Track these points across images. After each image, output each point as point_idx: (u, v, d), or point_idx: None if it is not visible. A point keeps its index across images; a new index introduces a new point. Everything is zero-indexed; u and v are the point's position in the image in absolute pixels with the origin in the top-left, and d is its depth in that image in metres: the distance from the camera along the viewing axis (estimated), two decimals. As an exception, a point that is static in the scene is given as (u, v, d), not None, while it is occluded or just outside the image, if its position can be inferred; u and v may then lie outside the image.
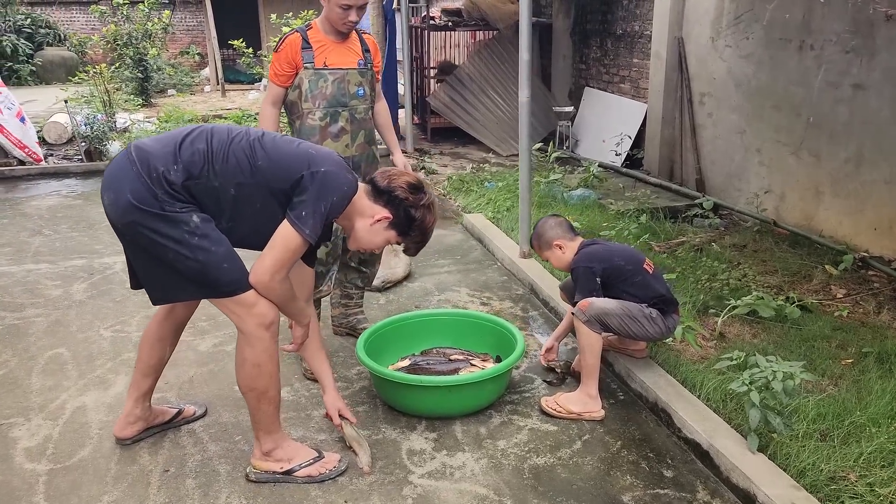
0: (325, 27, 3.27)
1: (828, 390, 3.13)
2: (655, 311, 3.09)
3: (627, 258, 3.17)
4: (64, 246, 5.30)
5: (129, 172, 2.32)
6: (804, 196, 5.37)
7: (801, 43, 5.24)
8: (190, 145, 2.36)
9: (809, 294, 4.25)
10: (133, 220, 2.28)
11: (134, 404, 2.83)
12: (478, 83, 9.02)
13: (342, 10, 3.15)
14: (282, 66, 3.23)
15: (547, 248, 3.25)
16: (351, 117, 3.33)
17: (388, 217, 2.49)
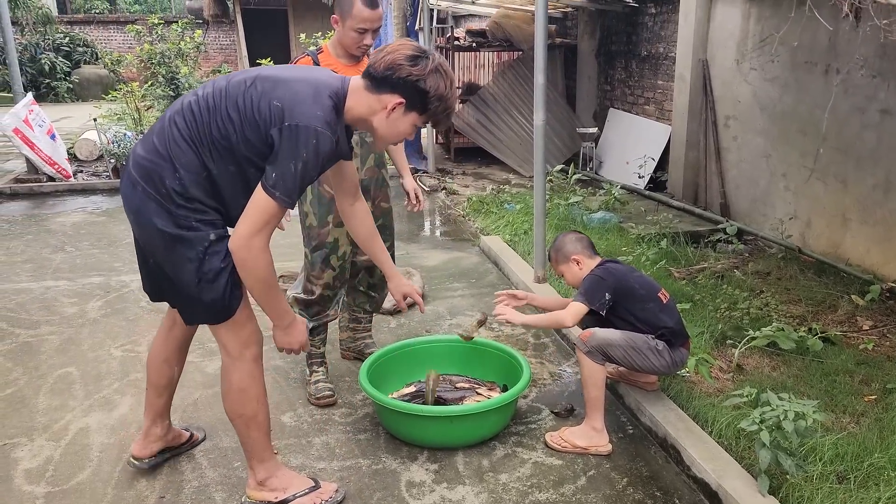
0: (336, 51, 3.25)
1: (848, 428, 3.00)
2: (662, 343, 2.99)
3: (643, 283, 3.08)
4: (84, 263, 5.36)
5: (139, 196, 2.25)
6: (831, 223, 5.23)
7: (826, 67, 5.13)
8: (177, 143, 2.22)
9: (834, 325, 4.11)
10: (162, 243, 2.26)
11: (152, 423, 2.78)
12: (501, 103, 9.00)
13: (357, 33, 3.12)
14: None
15: (564, 262, 3.17)
16: (361, 140, 3.30)
17: (401, 101, 2.24)
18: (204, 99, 2.24)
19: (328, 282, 3.29)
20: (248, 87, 2.21)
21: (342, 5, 3.11)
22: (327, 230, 3.25)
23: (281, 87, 2.20)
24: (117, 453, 2.95)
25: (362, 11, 3.07)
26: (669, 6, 7.30)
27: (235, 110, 2.19)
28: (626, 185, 7.34)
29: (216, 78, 2.36)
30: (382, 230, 3.46)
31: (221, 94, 2.23)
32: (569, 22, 9.67)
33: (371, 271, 3.57)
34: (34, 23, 17.10)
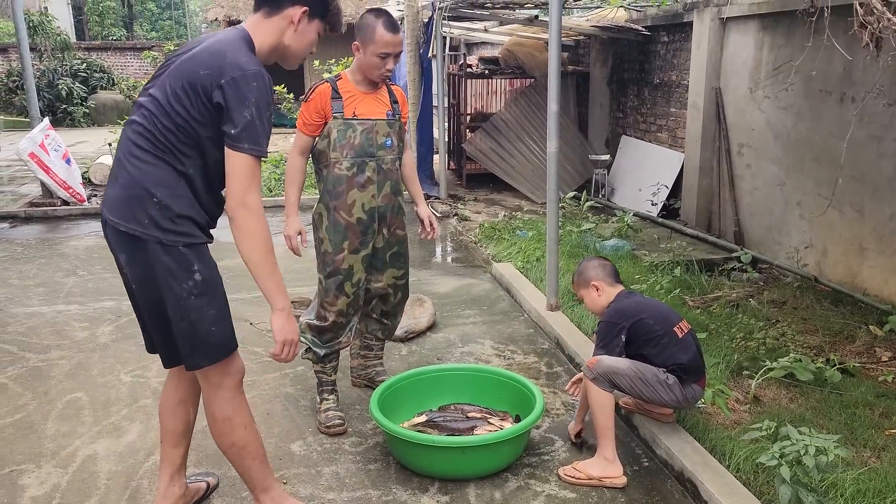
0: (355, 77, 3.24)
1: (869, 463, 2.93)
2: (673, 377, 2.95)
3: (658, 317, 3.03)
4: (96, 287, 5.37)
5: (125, 239, 2.20)
6: (847, 252, 5.17)
7: (841, 95, 5.10)
8: (143, 162, 2.18)
9: (852, 356, 4.04)
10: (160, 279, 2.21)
11: (170, 482, 2.57)
12: (514, 130, 9.03)
13: (380, 59, 3.12)
14: (311, 116, 3.21)
15: (584, 287, 3.17)
16: (378, 167, 3.27)
17: (305, 10, 2.31)
18: (148, 107, 2.21)
19: (342, 308, 3.27)
20: (177, 73, 2.19)
21: (363, 31, 3.12)
22: (342, 257, 3.23)
23: (201, 56, 2.20)
24: (125, 481, 2.92)
25: (384, 36, 3.08)
26: (682, 34, 7.32)
27: (177, 100, 2.16)
28: (639, 213, 7.31)
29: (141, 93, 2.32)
30: (397, 258, 3.46)
31: (163, 93, 2.19)
32: (581, 50, 9.71)
33: (384, 299, 3.54)
34: (52, 49, 17.39)
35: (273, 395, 3.66)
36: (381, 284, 3.45)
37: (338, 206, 3.22)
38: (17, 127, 15.48)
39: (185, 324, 2.25)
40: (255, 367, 3.98)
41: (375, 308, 3.59)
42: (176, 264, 2.20)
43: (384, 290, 3.48)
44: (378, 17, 3.12)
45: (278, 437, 3.27)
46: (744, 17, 6.23)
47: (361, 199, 3.23)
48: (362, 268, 3.28)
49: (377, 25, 3.09)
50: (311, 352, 3.37)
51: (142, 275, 2.23)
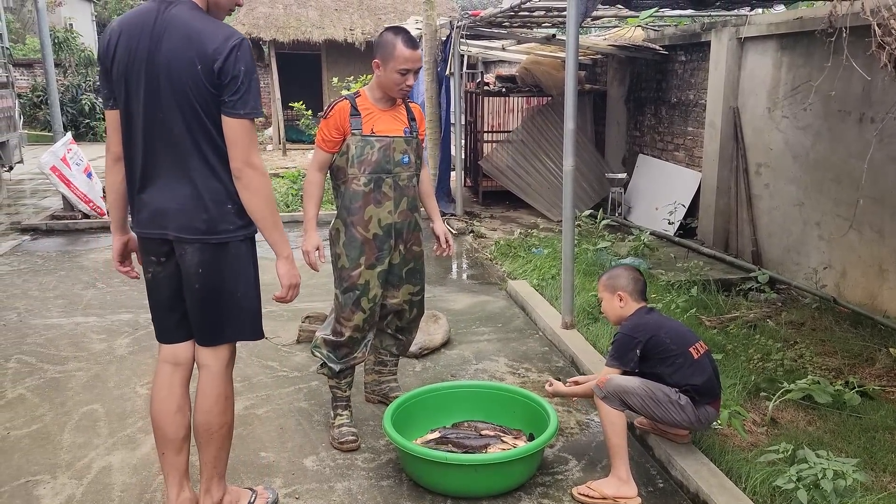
0: (374, 95, 3.27)
1: (889, 488, 2.88)
2: (686, 398, 2.93)
3: (675, 336, 3.02)
4: (114, 300, 5.42)
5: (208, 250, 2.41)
6: (867, 273, 5.12)
7: (861, 115, 5.08)
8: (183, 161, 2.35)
9: (871, 379, 3.99)
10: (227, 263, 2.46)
11: (179, 490, 2.55)
12: (530, 148, 9.05)
13: (400, 75, 3.15)
14: (330, 133, 3.22)
15: (609, 292, 3.16)
16: (394, 184, 3.27)
17: None
18: (154, 111, 2.32)
19: (358, 324, 3.28)
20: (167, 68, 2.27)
21: (383, 48, 3.16)
22: (359, 272, 3.24)
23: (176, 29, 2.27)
24: (139, 493, 2.93)
25: (404, 52, 3.12)
26: (700, 54, 7.32)
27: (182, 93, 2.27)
28: (656, 232, 7.28)
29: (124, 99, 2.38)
30: (413, 274, 3.45)
31: (165, 88, 2.28)
32: (598, 68, 9.74)
33: (400, 315, 3.54)
34: (77, 65, 17.69)
35: (287, 410, 3.67)
36: (396, 300, 3.45)
37: (355, 222, 3.24)
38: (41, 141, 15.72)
39: (242, 303, 2.48)
40: (270, 382, 3.99)
41: (391, 324, 3.59)
42: (249, 253, 2.51)
43: (399, 307, 3.48)
44: (397, 35, 3.16)
45: (291, 451, 3.27)
46: (762, 37, 6.23)
47: (378, 215, 3.24)
48: (378, 283, 3.29)
49: (396, 42, 3.13)
50: (327, 367, 3.37)
51: (216, 271, 2.41)
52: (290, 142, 16.04)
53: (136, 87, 2.32)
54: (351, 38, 16.09)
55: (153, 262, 2.48)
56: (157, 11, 2.31)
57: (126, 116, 2.38)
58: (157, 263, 2.48)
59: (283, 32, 15.90)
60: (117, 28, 2.37)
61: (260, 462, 3.17)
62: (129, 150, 2.41)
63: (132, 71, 2.32)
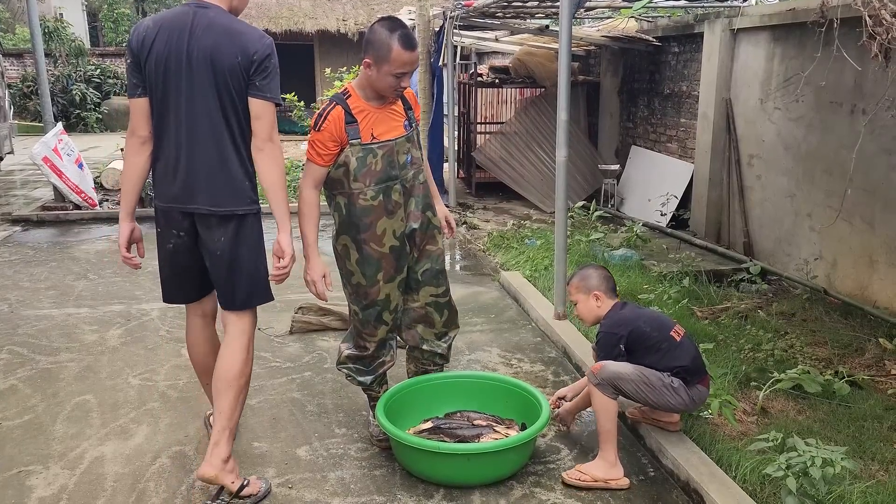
0: (366, 94, 2.94)
1: (877, 476, 2.91)
2: (678, 380, 2.96)
3: (654, 324, 3.06)
4: (106, 291, 5.40)
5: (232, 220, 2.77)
6: (857, 264, 5.15)
7: (852, 107, 5.09)
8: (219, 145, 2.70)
9: (861, 369, 4.02)
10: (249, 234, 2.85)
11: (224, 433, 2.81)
12: (523, 139, 9.04)
13: (395, 78, 2.84)
14: (325, 146, 2.89)
15: (584, 293, 3.15)
16: (402, 188, 3.03)
17: None
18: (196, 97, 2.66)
19: (382, 337, 3.14)
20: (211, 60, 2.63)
21: (377, 48, 2.81)
22: (377, 288, 3.03)
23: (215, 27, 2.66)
24: (131, 483, 2.93)
25: (401, 55, 2.80)
26: (693, 46, 7.32)
27: (223, 82, 2.64)
28: (648, 223, 7.30)
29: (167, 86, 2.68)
30: (433, 275, 3.19)
31: (208, 77, 2.64)
32: (591, 60, 9.73)
33: (429, 322, 3.25)
34: (67, 55, 17.55)
35: (280, 401, 3.67)
36: (417, 304, 3.20)
37: (367, 239, 2.98)
38: (32, 132, 15.61)
39: (256, 271, 2.84)
40: (263, 373, 3.99)
41: (425, 335, 3.26)
42: (259, 227, 2.86)
43: (423, 311, 3.21)
44: (393, 33, 2.80)
45: (284, 441, 3.27)
46: (755, 29, 6.23)
47: (392, 227, 3.00)
48: (399, 293, 3.12)
49: (393, 43, 2.78)
50: (356, 381, 3.20)
51: (236, 241, 2.77)
52: (282, 133, 15.98)
53: (176, 77, 2.64)
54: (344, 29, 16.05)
55: (174, 234, 2.80)
56: (193, 13, 2.68)
57: (162, 103, 2.69)
58: (177, 236, 2.80)
59: (276, 22, 15.83)
60: (154, 25, 2.70)
61: (253, 452, 3.17)
62: (163, 133, 2.72)
63: (171, 62, 2.64)
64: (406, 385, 3.34)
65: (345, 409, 3.59)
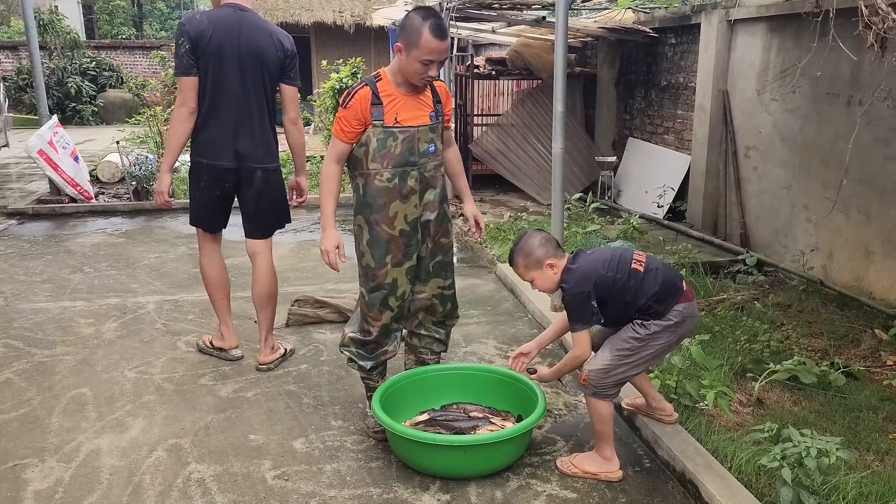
0: (396, 79, 3.01)
1: (872, 466, 2.92)
2: (651, 321, 2.84)
3: (613, 265, 2.88)
4: (101, 284, 5.39)
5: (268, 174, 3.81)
6: (853, 256, 5.15)
7: (849, 98, 5.09)
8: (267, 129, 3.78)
9: (857, 360, 4.03)
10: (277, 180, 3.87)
11: (230, 323, 4.05)
12: (520, 131, 9.03)
13: (423, 65, 2.89)
14: (350, 124, 2.99)
15: (536, 268, 2.91)
16: (420, 176, 3.06)
17: None
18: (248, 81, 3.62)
19: (386, 323, 3.15)
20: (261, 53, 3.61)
21: (408, 34, 2.89)
22: (385, 271, 3.08)
23: (259, 29, 3.63)
24: (127, 476, 2.93)
25: (430, 42, 2.85)
26: (690, 37, 7.30)
27: (268, 70, 3.64)
28: (645, 215, 7.29)
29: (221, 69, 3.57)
30: (442, 267, 3.26)
31: (257, 66, 3.61)
32: (588, 51, 9.71)
33: (431, 310, 3.33)
34: (62, 47, 17.47)
35: (276, 393, 3.67)
36: (424, 295, 3.26)
37: (379, 220, 3.05)
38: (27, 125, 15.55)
39: (283, 204, 3.92)
40: (259, 365, 3.99)
41: (424, 321, 3.36)
42: (281, 175, 3.86)
43: (428, 301, 3.28)
44: (426, 20, 2.86)
45: (280, 434, 3.27)
46: (752, 20, 6.21)
47: (404, 211, 3.05)
48: (407, 280, 3.13)
49: (423, 29, 2.84)
50: (356, 364, 3.25)
51: (272, 186, 3.80)
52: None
53: (232, 66, 3.55)
54: (340, 21, 15.96)
55: (221, 185, 3.72)
56: (238, 15, 3.58)
57: (216, 86, 3.55)
58: (223, 187, 3.73)
59: (272, 14, 15.74)
60: (209, 22, 3.52)
61: (249, 444, 3.17)
62: (218, 109, 3.59)
63: (227, 53, 3.52)
64: (402, 377, 3.34)
65: (341, 401, 3.59)
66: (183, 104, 3.52)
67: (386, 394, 3.16)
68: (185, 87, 3.49)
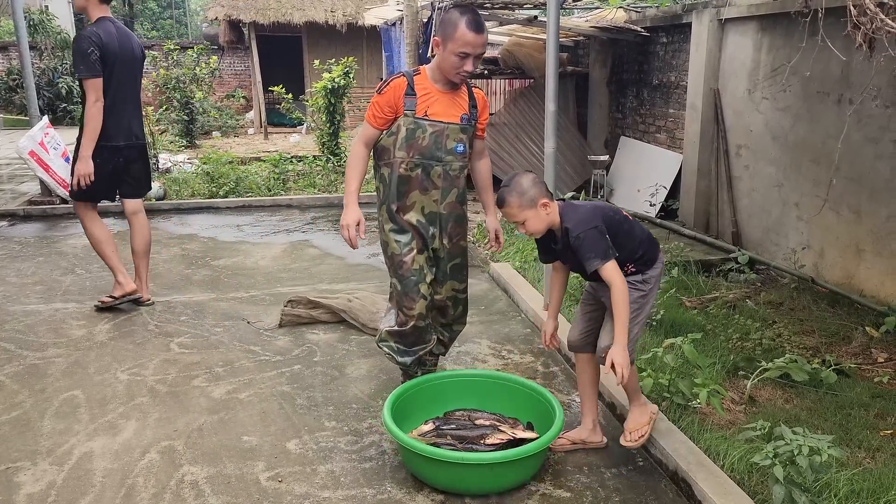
0: (434, 75, 3.10)
1: (864, 463, 2.94)
2: (646, 271, 2.92)
3: (609, 208, 2.97)
4: (94, 285, 5.37)
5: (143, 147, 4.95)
6: (844, 253, 5.18)
7: (839, 97, 5.11)
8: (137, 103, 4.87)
9: (848, 357, 4.05)
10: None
11: (125, 271, 4.84)
12: (513, 130, 9.04)
13: (458, 58, 2.96)
14: (382, 110, 3.08)
15: (530, 207, 2.81)
16: (444, 173, 3.12)
17: None
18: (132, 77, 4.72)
19: (421, 311, 3.16)
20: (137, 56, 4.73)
21: (445, 27, 2.98)
22: (412, 256, 3.15)
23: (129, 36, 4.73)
24: (120, 478, 2.92)
25: (466, 34, 2.93)
26: (681, 36, 7.33)
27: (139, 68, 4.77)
28: (637, 213, 7.31)
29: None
30: (458, 270, 3.33)
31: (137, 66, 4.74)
32: (580, 50, 9.72)
33: (443, 311, 3.41)
34: (52, 47, 17.38)
35: (269, 394, 3.66)
36: (440, 297, 3.33)
37: (399, 208, 3.15)
38: (17, 125, 15.48)
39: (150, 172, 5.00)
40: (252, 367, 3.98)
41: (434, 322, 3.41)
42: None
43: (443, 303, 3.36)
44: (463, 15, 2.95)
45: (274, 435, 3.27)
46: (742, 19, 6.24)
47: (423, 203, 3.13)
48: (429, 269, 3.19)
49: (460, 23, 2.93)
50: (396, 360, 3.25)
51: (144, 159, 4.87)
52: (271, 125, 15.91)
53: (121, 66, 4.53)
54: (332, 20, 15.94)
55: (115, 160, 4.63)
56: (116, 27, 4.58)
57: (116, 82, 4.53)
58: (117, 162, 4.65)
59: (263, 14, 15.72)
60: (106, 34, 4.46)
61: (242, 446, 3.17)
62: (117, 101, 4.54)
63: (119, 57, 4.51)
64: (409, 386, 3.20)
65: (334, 402, 3.59)
66: (98, 99, 4.40)
67: (396, 404, 3.04)
68: (97, 87, 4.39)
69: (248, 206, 8.39)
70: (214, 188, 8.79)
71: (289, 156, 10.32)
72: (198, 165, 9.75)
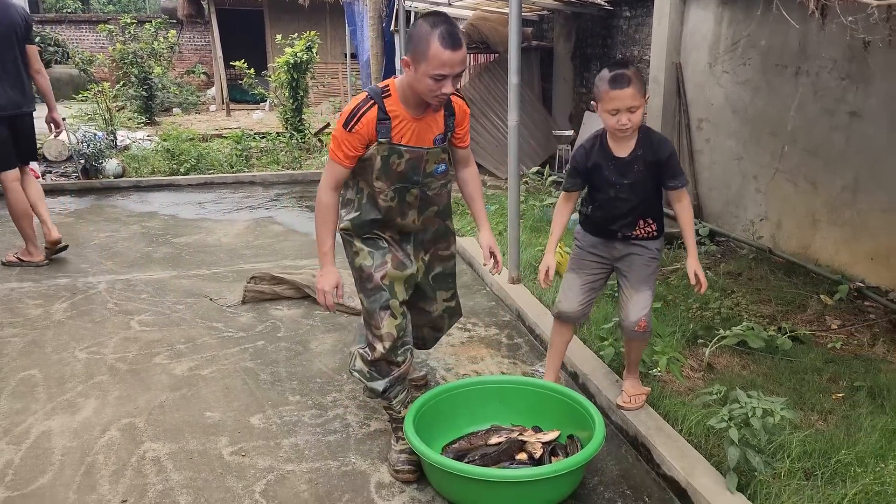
0: (406, 97, 2.63)
1: (816, 426, 3.02)
2: (658, 232, 3.32)
3: None
4: (50, 264, 5.26)
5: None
6: (801, 224, 5.28)
7: (797, 69, 5.18)
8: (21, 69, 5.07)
9: (803, 324, 4.15)
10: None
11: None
12: (478, 105, 9.00)
13: (434, 80, 2.48)
14: (353, 147, 2.64)
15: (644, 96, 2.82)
16: (421, 193, 2.80)
17: None
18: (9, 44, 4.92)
19: (391, 332, 2.76)
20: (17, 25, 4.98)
21: (416, 45, 2.48)
22: (383, 273, 2.79)
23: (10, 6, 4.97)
24: (80, 456, 2.89)
25: (441, 54, 2.43)
26: (643, 9, 7.34)
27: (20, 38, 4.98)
28: (601, 187, 7.35)
29: None
30: (444, 279, 3.10)
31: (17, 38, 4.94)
32: (545, 25, 9.70)
33: (438, 327, 3.21)
34: None
35: (232, 370, 3.64)
36: (436, 313, 3.12)
37: (375, 221, 2.82)
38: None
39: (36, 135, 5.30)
40: (215, 343, 3.95)
41: (427, 337, 3.26)
42: None
43: (438, 320, 3.16)
44: (434, 28, 2.44)
45: (237, 410, 3.25)
46: (703, -8, 6.27)
47: (404, 226, 2.86)
48: (404, 290, 2.84)
49: (432, 40, 2.43)
50: (368, 388, 2.86)
51: (32, 123, 5.18)
52: (233, 102, 15.66)
53: (3, 37, 4.80)
54: (294, -6, 15.65)
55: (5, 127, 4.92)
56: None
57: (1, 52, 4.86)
58: (6, 130, 4.92)
59: (224, -12, 15.39)
60: None
61: (205, 422, 3.15)
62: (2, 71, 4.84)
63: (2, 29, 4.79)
64: (429, 397, 2.93)
65: (298, 376, 3.58)
66: None
67: (418, 415, 2.79)
68: None
69: (210, 183, 8.26)
70: (175, 165, 8.64)
71: (252, 132, 10.17)
72: (158, 142, 9.56)
